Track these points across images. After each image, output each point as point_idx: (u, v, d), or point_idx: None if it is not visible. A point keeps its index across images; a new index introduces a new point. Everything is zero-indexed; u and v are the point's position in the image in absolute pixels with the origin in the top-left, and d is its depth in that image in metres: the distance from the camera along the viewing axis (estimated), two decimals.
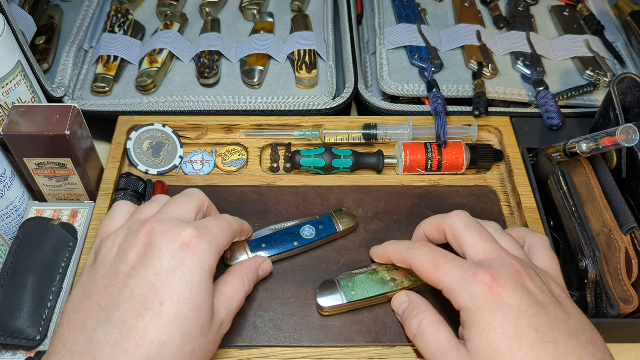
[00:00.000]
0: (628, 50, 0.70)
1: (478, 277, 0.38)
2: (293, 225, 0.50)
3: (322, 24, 0.72)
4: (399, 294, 0.46)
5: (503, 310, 0.37)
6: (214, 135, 0.60)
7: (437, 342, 0.41)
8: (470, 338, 0.38)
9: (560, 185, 0.52)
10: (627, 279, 0.47)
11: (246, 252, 0.48)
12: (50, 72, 0.65)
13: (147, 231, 0.38)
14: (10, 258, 0.48)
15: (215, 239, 0.40)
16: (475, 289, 0.38)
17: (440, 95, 0.61)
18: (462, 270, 0.39)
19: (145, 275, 0.37)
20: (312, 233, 0.50)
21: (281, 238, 0.49)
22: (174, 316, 0.36)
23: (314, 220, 0.51)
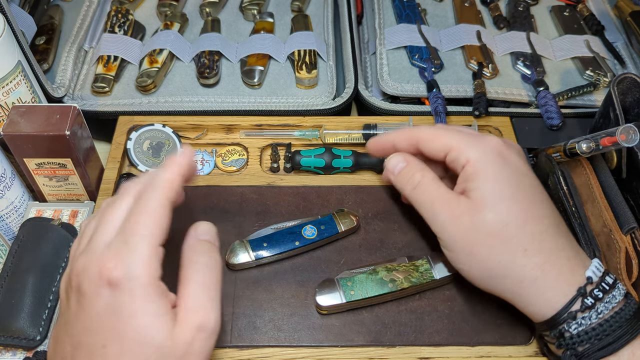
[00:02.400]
0: (628, 50, 0.70)
1: (488, 138, 0.43)
2: (294, 225, 0.50)
3: (322, 24, 0.72)
4: (394, 155, 0.47)
5: (509, 166, 0.42)
6: (214, 135, 0.60)
7: (438, 192, 0.43)
8: (476, 187, 0.42)
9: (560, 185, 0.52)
10: (627, 279, 0.47)
11: (247, 252, 0.48)
12: (50, 72, 0.65)
13: (75, 274, 0.36)
14: (10, 258, 0.48)
15: (139, 249, 0.35)
16: (486, 146, 0.43)
17: (440, 95, 0.61)
18: (472, 134, 0.44)
19: (84, 322, 0.35)
20: (314, 233, 0.50)
21: (282, 237, 0.49)
22: (119, 354, 0.34)
23: (316, 220, 0.51)
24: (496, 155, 0.42)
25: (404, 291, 0.47)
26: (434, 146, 0.44)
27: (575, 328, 0.39)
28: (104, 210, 0.38)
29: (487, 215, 0.41)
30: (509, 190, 0.41)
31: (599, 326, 0.39)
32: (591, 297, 0.39)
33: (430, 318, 0.47)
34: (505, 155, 0.43)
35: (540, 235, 0.41)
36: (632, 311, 0.40)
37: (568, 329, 0.39)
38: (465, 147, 0.43)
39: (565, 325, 0.39)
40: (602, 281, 0.40)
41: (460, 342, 0.46)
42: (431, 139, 0.45)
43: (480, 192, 0.41)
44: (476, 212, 0.41)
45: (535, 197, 0.42)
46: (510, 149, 0.44)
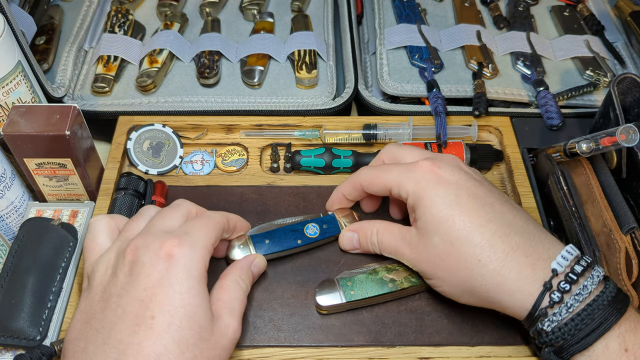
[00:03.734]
0: (628, 50, 0.70)
1: (419, 165, 0.44)
2: (297, 222, 0.50)
3: (322, 24, 0.72)
4: (343, 233, 0.50)
5: (443, 185, 0.43)
6: (214, 135, 0.60)
7: (393, 237, 0.46)
8: (418, 216, 0.43)
9: (560, 185, 0.52)
10: (627, 278, 0.47)
11: (249, 247, 0.48)
12: (50, 72, 0.65)
13: (132, 249, 0.39)
14: (10, 258, 0.48)
15: (198, 242, 0.40)
16: (418, 174, 0.43)
17: (440, 95, 0.61)
18: (405, 166, 0.45)
19: (135, 292, 0.37)
20: (316, 232, 0.49)
21: (285, 235, 0.49)
22: (166, 326, 0.36)
23: (318, 218, 0.50)
24: (429, 179, 0.43)
25: (404, 291, 0.47)
26: (376, 189, 0.47)
27: (549, 325, 0.39)
28: (162, 210, 0.43)
29: (433, 240, 0.42)
30: (447, 209, 0.42)
31: (571, 321, 0.38)
32: (558, 290, 0.39)
33: (430, 318, 0.47)
34: (438, 174, 0.43)
35: (489, 241, 0.40)
36: (608, 299, 0.38)
37: (542, 326, 0.39)
38: (402, 182, 0.44)
39: (539, 323, 0.39)
40: (570, 271, 0.39)
41: (460, 342, 0.46)
42: (371, 183, 0.47)
43: (423, 220, 0.43)
44: (426, 240, 0.42)
45: (476, 203, 0.42)
46: (442, 165, 0.44)
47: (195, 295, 0.38)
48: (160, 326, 0.36)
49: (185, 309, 0.37)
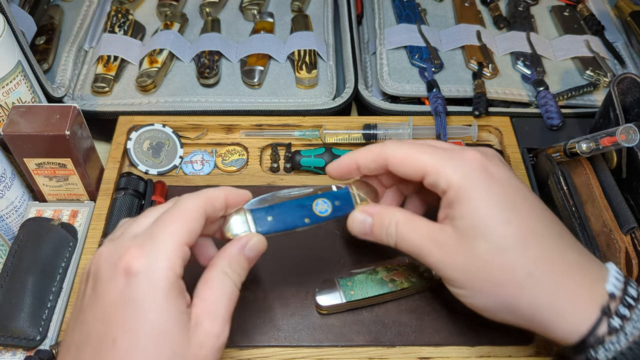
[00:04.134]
0: (628, 50, 0.70)
1: (467, 153, 0.38)
2: (305, 196, 0.42)
3: (322, 24, 0.72)
4: (355, 213, 0.41)
5: (496, 183, 0.37)
6: (214, 135, 0.60)
7: (419, 234, 0.38)
8: (459, 215, 0.36)
9: (560, 185, 0.52)
10: None
11: (247, 223, 0.40)
12: (50, 72, 0.65)
13: (95, 260, 0.35)
14: (10, 258, 0.48)
15: (164, 246, 0.34)
16: (466, 165, 0.37)
17: (440, 95, 0.61)
18: (448, 151, 0.38)
19: (96, 311, 0.33)
20: (327, 209, 0.41)
21: (291, 211, 0.41)
22: (129, 350, 0.32)
23: (330, 193, 0.42)
24: (480, 173, 0.37)
25: (404, 291, 0.47)
26: (406, 169, 0.39)
27: (604, 354, 0.34)
28: (143, 212, 0.39)
29: (480, 246, 0.36)
30: (500, 211, 0.36)
31: (629, 350, 0.34)
32: (617, 316, 0.35)
33: (430, 318, 0.47)
34: (491, 170, 0.37)
35: (546, 254, 0.36)
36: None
37: (596, 354, 0.35)
38: (444, 169, 0.37)
39: (592, 351, 0.35)
40: (625, 294, 0.35)
41: (460, 342, 0.46)
42: (402, 161, 0.39)
43: (469, 220, 0.36)
44: (467, 245, 0.36)
45: (532, 211, 0.37)
46: (494, 162, 0.38)
47: (163, 311, 0.33)
48: (121, 351, 0.32)
49: (152, 328, 0.32)
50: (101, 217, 0.52)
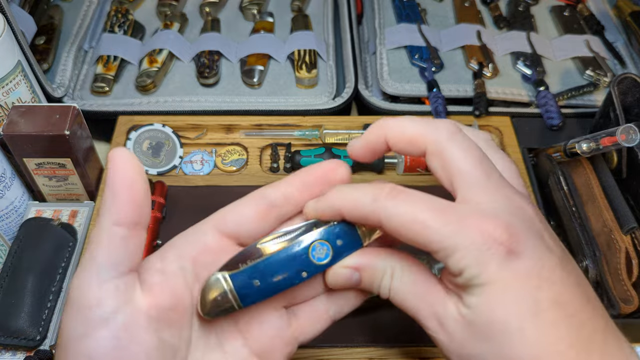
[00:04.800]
0: (628, 50, 0.70)
1: (489, 232, 0.28)
2: (295, 243, 0.32)
3: (322, 24, 0.72)
4: (338, 269, 0.32)
5: (521, 280, 0.28)
6: (214, 135, 0.60)
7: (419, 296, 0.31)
8: (470, 303, 0.29)
9: (560, 185, 0.52)
10: (627, 279, 0.47)
11: (227, 295, 0.31)
12: (50, 72, 0.65)
13: None
14: (10, 258, 0.48)
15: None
16: (485, 250, 0.27)
17: (441, 95, 0.61)
18: (463, 224, 0.28)
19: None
20: (327, 254, 0.32)
21: (281, 267, 0.31)
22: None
23: (327, 229, 0.32)
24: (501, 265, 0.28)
25: None
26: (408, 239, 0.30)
27: None
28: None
29: (482, 346, 0.28)
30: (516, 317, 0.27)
31: None
32: None
33: None
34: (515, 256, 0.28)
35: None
36: None
37: None
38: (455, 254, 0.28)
39: None
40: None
41: None
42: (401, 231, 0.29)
43: (477, 314, 0.28)
44: (472, 342, 0.29)
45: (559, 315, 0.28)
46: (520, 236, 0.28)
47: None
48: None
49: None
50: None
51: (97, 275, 0.28)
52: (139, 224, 0.29)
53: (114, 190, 0.28)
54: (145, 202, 0.29)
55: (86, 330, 0.28)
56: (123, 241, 0.29)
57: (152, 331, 0.29)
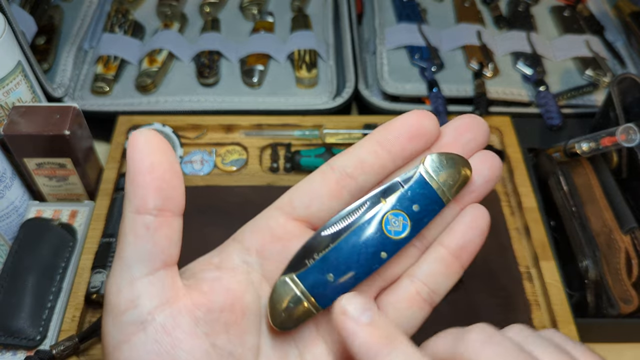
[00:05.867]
0: (628, 50, 0.70)
1: None
2: (365, 220, 0.27)
3: (322, 24, 0.72)
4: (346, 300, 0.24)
5: None
6: (214, 135, 0.60)
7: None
8: None
9: (560, 185, 0.52)
10: (627, 279, 0.47)
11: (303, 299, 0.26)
12: (51, 72, 0.65)
13: None
14: (10, 258, 0.48)
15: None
16: None
17: (441, 95, 0.61)
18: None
19: None
20: (405, 225, 0.27)
21: (355, 252, 0.26)
22: None
23: (399, 196, 0.27)
24: None
25: None
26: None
27: None
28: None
29: None
30: None
31: None
32: None
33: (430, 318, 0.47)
34: None
35: None
36: None
37: None
38: None
39: None
40: None
41: None
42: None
43: None
44: None
45: None
46: None
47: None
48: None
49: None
50: (101, 217, 0.52)
51: (127, 274, 0.25)
52: (167, 210, 0.25)
53: (132, 175, 0.24)
54: (173, 184, 0.25)
55: (123, 336, 0.24)
56: (149, 231, 0.24)
57: (201, 335, 0.25)
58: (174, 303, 0.25)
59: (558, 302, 0.48)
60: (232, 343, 0.26)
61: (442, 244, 0.28)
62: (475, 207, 0.28)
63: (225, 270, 0.27)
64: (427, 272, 0.28)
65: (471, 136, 0.28)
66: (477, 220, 0.28)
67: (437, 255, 0.28)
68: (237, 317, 0.26)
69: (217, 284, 0.26)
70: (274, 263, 0.27)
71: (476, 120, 0.28)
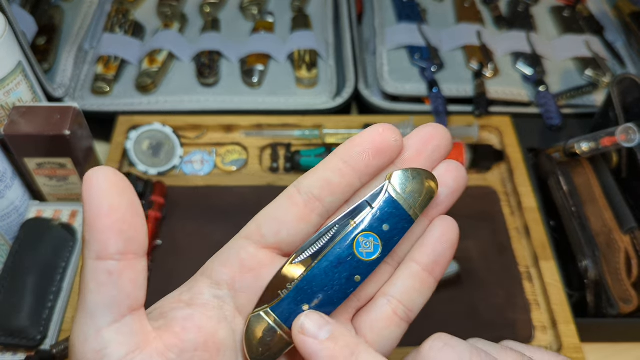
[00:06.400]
0: (628, 51, 0.70)
1: None
2: (335, 245, 0.26)
3: (322, 24, 0.72)
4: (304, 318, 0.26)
5: None
6: (214, 135, 0.60)
7: None
8: None
9: (560, 185, 0.52)
10: (627, 278, 0.47)
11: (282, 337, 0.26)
12: (51, 72, 0.65)
13: None
14: (10, 258, 0.48)
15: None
16: None
17: (441, 95, 0.61)
18: None
19: None
20: (377, 246, 0.26)
21: (328, 279, 0.26)
22: None
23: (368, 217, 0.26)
24: None
25: None
26: None
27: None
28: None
29: None
30: None
31: None
32: None
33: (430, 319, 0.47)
34: None
35: None
36: None
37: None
38: None
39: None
40: None
41: None
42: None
43: None
44: None
45: None
46: None
47: None
48: None
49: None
50: None
51: (92, 323, 0.23)
52: (130, 252, 0.24)
53: (90, 219, 0.23)
54: (134, 225, 0.24)
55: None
56: (112, 277, 0.23)
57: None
58: (144, 348, 0.24)
59: (558, 302, 0.48)
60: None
61: (414, 260, 0.28)
62: (444, 219, 0.28)
63: (196, 307, 0.26)
64: (401, 290, 0.28)
65: (435, 145, 0.28)
66: (447, 233, 0.28)
67: (410, 272, 0.28)
68: (211, 354, 0.25)
69: (189, 322, 0.25)
70: (247, 295, 0.26)
71: (439, 129, 0.28)
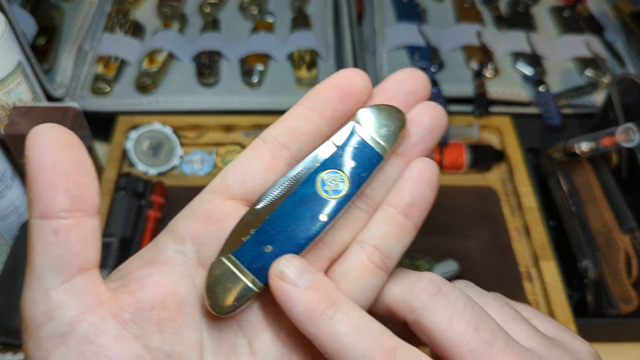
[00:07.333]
0: (627, 50, 0.70)
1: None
2: (299, 185, 0.25)
3: (322, 24, 0.72)
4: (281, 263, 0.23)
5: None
6: (214, 135, 0.60)
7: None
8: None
9: (560, 185, 0.52)
10: (627, 278, 0.47)
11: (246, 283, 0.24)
12: (51, 72, 0.65)
13: None
14: (10, 258, 0.48)
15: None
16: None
17: (441, 95, 0.61)
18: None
19: None
20: (342, 182, 0.25)
21: (292, 219, 0.24)
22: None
23: (332, 156, 0.25)
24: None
25: None
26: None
27: None
28: None
29: None
30: None
31: None
32: None
33: None
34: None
35: None
36: None
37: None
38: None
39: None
40: None
41: None
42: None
43: None
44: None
45: None
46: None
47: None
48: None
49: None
50: (100, 217, 0.52)
51: (40, 286, 0.22)
52: (78, 210, 0.22)
53: (32, 176, 0.21)
54: (82, 182, 0.22)
55: (43, 353, 0.22)
56: (58, 236, 0.22)
57: (130, 338, 0.22)
58: (96, 310, 0.22)
59: (558, 302, 0.48)
60: (169, 342, 0.23)
61: (390, 203, 0.26)
62: (421, 160, 0.26)
63: (156, 264, 0.24)
64: (377, 235, 0.25)
65: (410, 88, 0.26)
66: (424, 173, 0.25)
67: (386, 215, 0.26)
68: (171, 313, 0.23)
69: (147, 280, 0.23)
70: (212, 248, 0.24)
71: (415, 72, 0.26)
